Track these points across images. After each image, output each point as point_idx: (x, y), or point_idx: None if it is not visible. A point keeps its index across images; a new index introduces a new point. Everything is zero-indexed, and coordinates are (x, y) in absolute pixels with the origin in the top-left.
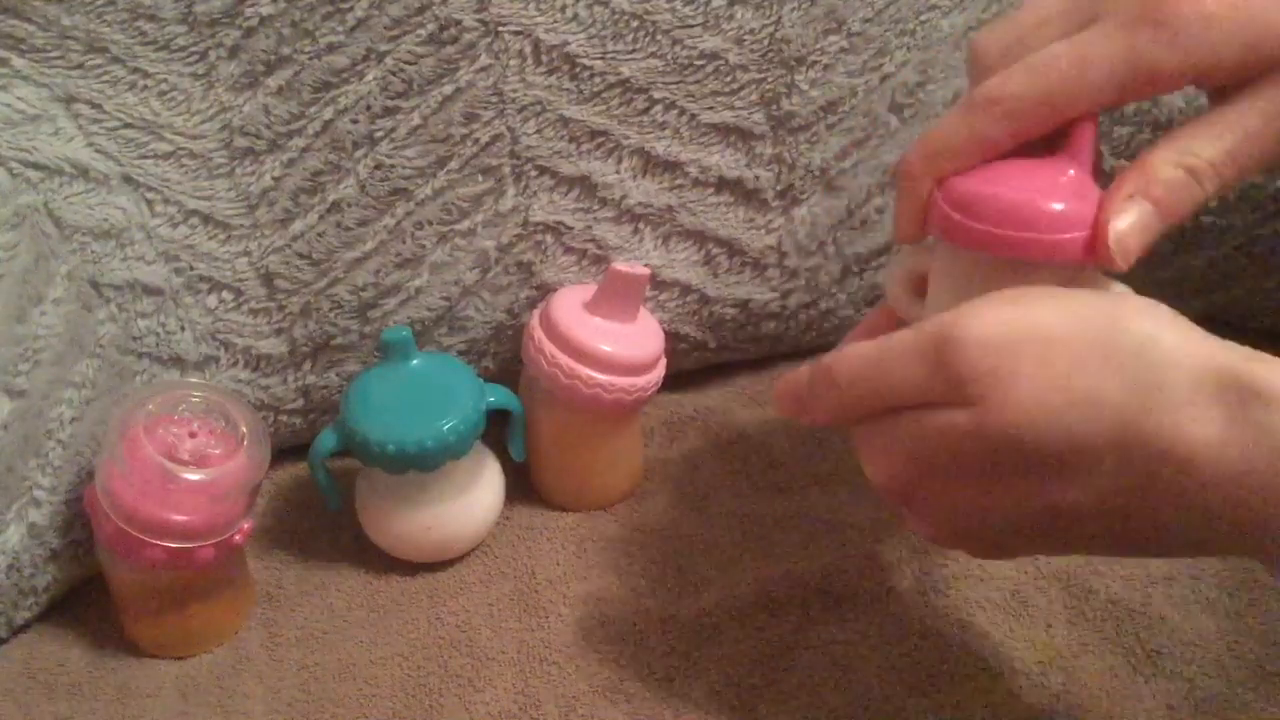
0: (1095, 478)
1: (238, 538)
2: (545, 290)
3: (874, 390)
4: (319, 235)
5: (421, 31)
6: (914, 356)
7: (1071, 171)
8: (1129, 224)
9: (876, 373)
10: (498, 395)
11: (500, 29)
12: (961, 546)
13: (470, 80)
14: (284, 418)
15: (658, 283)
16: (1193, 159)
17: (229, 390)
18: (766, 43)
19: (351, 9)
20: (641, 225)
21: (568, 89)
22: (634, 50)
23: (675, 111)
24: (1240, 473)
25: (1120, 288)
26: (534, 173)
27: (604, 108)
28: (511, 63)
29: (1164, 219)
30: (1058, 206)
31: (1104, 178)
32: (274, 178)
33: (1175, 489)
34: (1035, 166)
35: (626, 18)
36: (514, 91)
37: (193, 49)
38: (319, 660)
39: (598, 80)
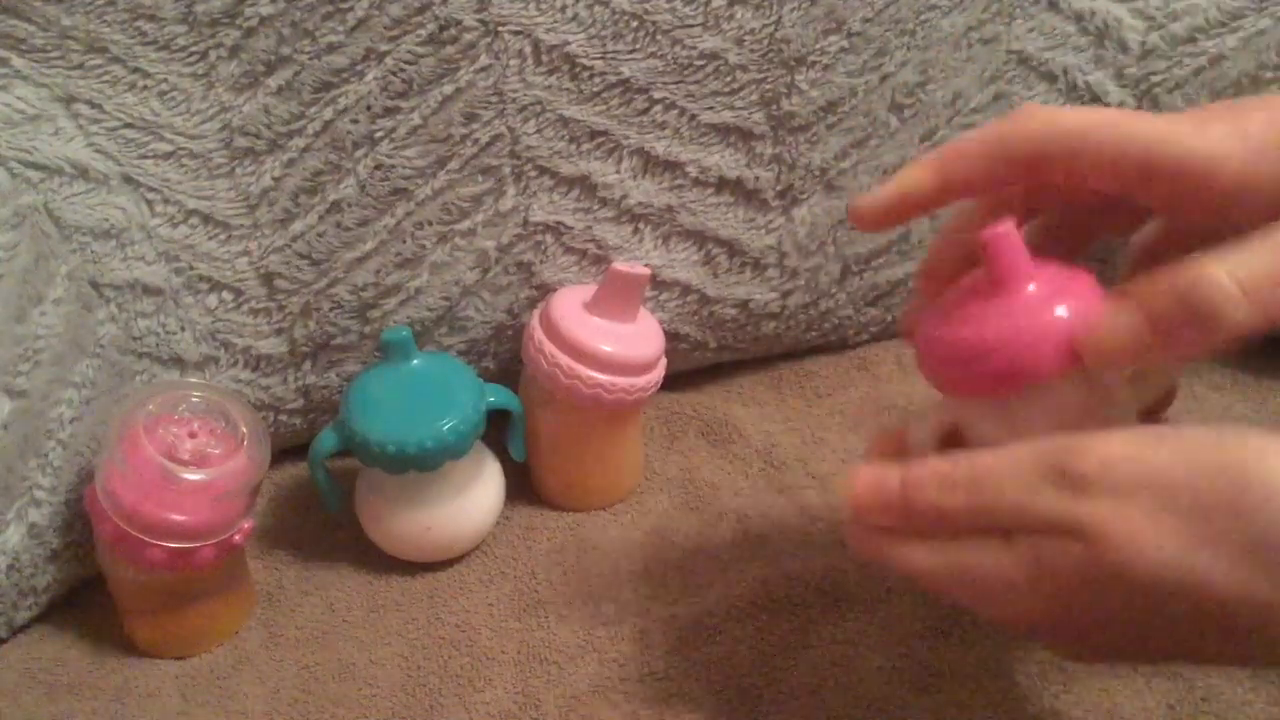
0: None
1: (238, 538)
2: (545, 290)
3: (993, 497)
4: (319, 235)
5: (421, 31)
6: (1031, 469)
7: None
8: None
9: (994, 481)
10: (498, 395)
11: (500, 29)
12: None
13: (470, 80)
14: (284, 418)
15: (658, 283)
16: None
17: (229, 390)
18: (766, 43)
19: (351, 9)
20: (641, 225)
21: (568, 89)
22: (634, 50)
23: (675, 111)
24: None
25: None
26: (534, 173)
27: (604, 108)
28: (511, 63)
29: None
30: (973, 337)
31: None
32: (274, 178)
33: None
34: (984, 301)
35: (626, 18)
36: (514, 91)
37: (193, 49)
38: (319, 660)
39: (598, 80)
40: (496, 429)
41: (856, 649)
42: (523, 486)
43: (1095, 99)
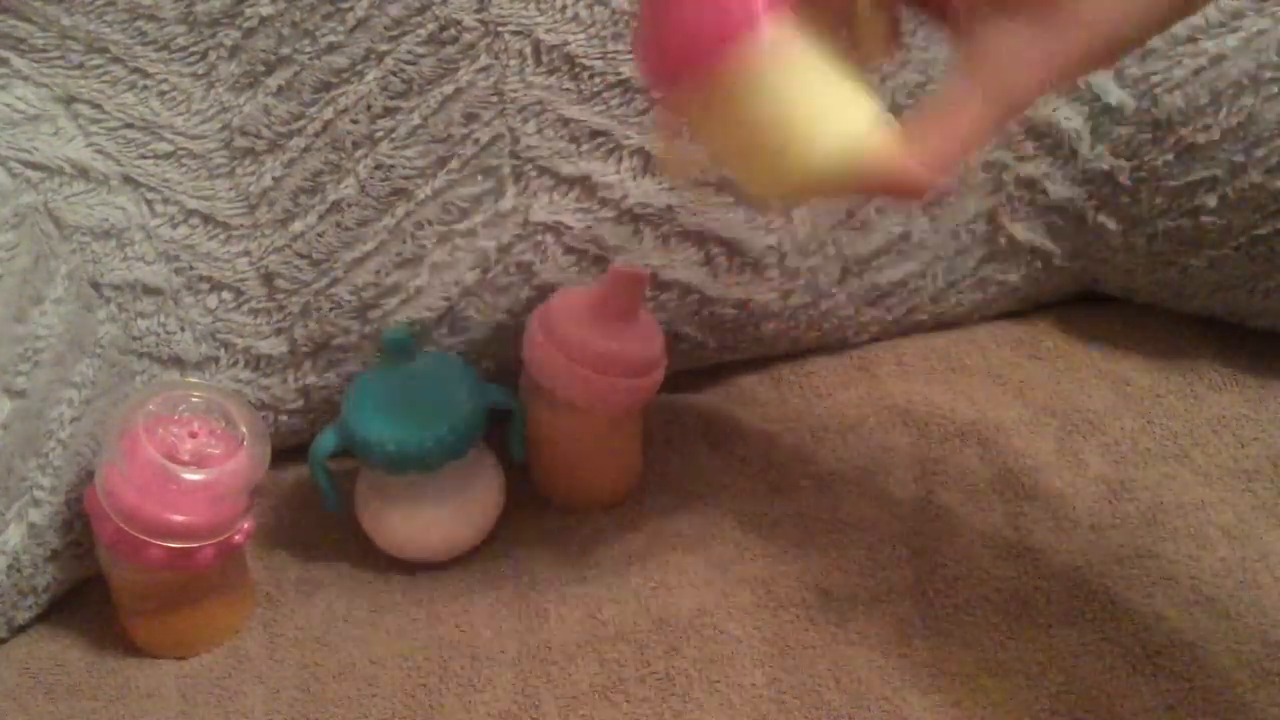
0: None
1: (238, 538)
2: (545, 290)
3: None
4: (319, 235)
5: (421, 31)
6: None
7: None
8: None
9: None
10: (498, 395)
11: (500, 29)
12: None
13: (470, 80)
14: (284, 418)
15: (658, 283)
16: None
17: (229, 390)
18: None
19: (351, 9)
20: (641, 225)
21: (568, 89)
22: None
23: None
24: None
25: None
26: (534, 173)
27: (604, 108)
28: (511, 63)
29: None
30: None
31: None
32: (274, 178)
33: None
34: None
35: (626, 18)
36: (514, 91)
37: (193, 49)
38: (319, 660)
39: (598, 80)
40: (496, 429)
41: (856, 649)
42: (523, 486)
43: (1095, 98)
